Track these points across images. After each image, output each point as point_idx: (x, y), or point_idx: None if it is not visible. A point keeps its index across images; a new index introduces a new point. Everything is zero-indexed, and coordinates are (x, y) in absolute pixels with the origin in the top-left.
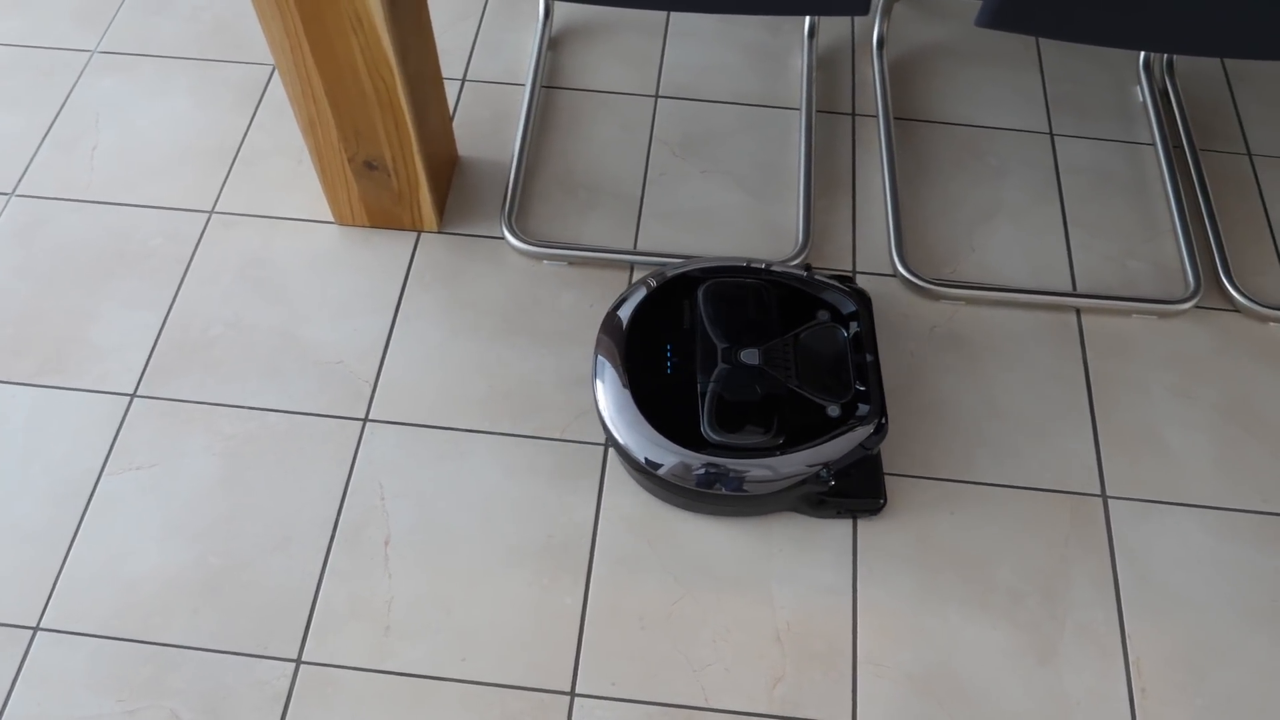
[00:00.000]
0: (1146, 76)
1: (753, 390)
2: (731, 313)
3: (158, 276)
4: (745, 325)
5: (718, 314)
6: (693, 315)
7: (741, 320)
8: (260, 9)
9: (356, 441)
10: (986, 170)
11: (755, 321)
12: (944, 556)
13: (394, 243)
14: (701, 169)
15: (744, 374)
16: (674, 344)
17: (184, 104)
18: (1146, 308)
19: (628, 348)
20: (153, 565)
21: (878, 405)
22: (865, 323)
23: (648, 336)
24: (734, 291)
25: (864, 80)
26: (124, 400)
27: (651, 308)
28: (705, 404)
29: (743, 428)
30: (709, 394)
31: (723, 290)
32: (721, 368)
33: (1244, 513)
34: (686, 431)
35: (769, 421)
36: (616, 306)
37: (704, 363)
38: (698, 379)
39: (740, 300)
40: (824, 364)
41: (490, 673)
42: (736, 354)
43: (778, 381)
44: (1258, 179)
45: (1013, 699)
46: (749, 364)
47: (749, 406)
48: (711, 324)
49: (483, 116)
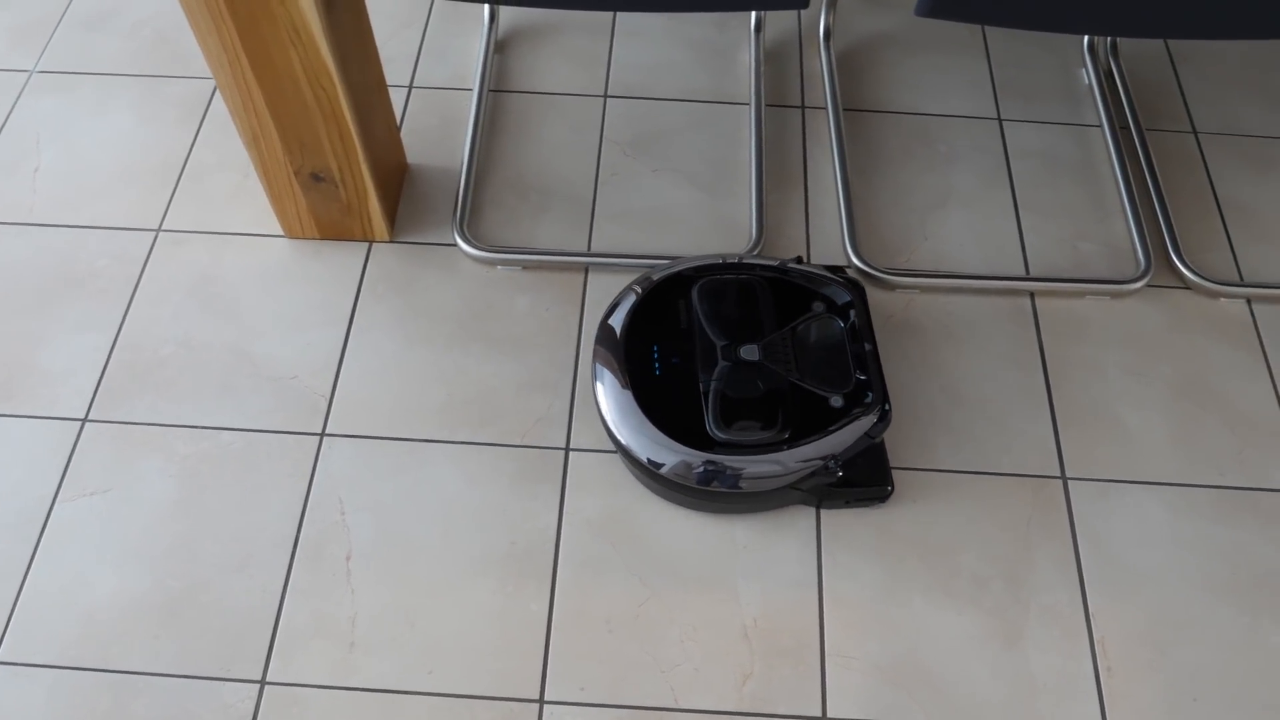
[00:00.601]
0: (1091, 59)
1: (755, 386)
2: (727, 310)
3: (106, 298)
4: (742, 322)
5: (714, 312)
6: (689, 316)
7: (737, 317)
8: (195, 23)
9: (314, 456)
10: (936, 158)
11: (751, 317)
12: (907, 545)
13: (345, 254)
14: (653, 167)
15: (745, 370)
16: (672, 345)
17: (127, 121)
18: (1099, 289)
19: (626, 353)
20: (110, 592)
21: (880, 393)
22: (861, 312)
23: (644, 341)
24: (728, 288)
25: (812, 73)
26: (75, 425)
27: (644, 312)
28: (709, 403)
29: (748, 424)
30: (711, 392)
31: (717, 288)
32: (722, 365)
33: (1201, 488)
34: (691, 431)
35: (774, 416)
36: (608, 315)
37: (704, 361)
38: (699, 378)
39: (735, 297)
40: (823, 356)
41: (458, 684)
42: (736, 351)
43: (779, 376)
44: (1204, 157)
45: (980, 684)
46: (749, 360)
47: (753, 402)
48: (708, 322)
49: (431, 123)
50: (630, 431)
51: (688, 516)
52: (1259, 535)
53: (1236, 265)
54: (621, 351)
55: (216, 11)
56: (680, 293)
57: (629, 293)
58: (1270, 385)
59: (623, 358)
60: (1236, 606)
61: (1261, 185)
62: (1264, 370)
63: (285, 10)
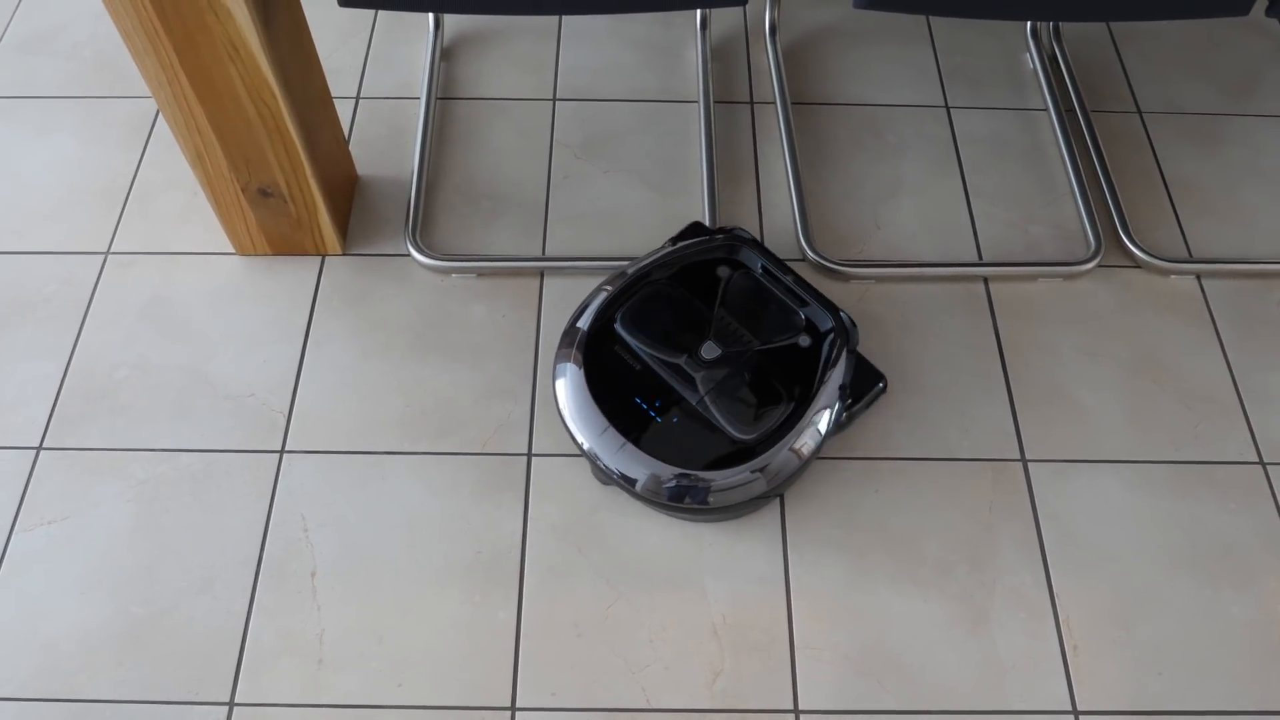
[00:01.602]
0: (1035, 44)
1: (738, 377)
2: (658, 327)
3: (55, 324)
4: (679, 328)
5: (650, 337)
6: (632, 355)
7: (672, 326)
8: (132, 44)
9: (274, 474)
10: (886, 148)
11: (682, 319)
12: (871, 535)
13: (298, 269)
14: (604, 169)
15: (720, 369)
16: (640, 388)
17: (70, 144)
18: (1051, 271)
19: (610, 416)
20: (72, 621)
21: (831, 309)
22: (761, 252)
23: (614, 403)
24: (647, 307)
25: (759, 68)
26: (30, 454)
27: (595, 374)
28: (717, 416)
29: (761, 410)
30: (711, 406)
31: (637, 314)
32: (700, 377)
33: (1158, 464)
34: (727, 452)
35: (773, 390)
36: (555, 378)
37: (681, 383)
38: (684, 402)
39: (656, 311)
40: (763, 311)
41: (428, 696)
42: (699, 357)
43: (747, 353)
44: (1149, 136)
45: (949, 669)
46: (714, 358)
47: (750, 390)
48: (654, 349)
49: (380, 134)
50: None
51: (652, 518)
52: (1216, 508)
53: (1185, 242)
54: (599, 417)
55: (152, 31)
56: (607, 341)
57: (566, 362)
58: (1222, 360)
59: (614, 419)
60: (1197, 579)
61: (1206, 162)
62: (1216, 345)
63: (222, 27)
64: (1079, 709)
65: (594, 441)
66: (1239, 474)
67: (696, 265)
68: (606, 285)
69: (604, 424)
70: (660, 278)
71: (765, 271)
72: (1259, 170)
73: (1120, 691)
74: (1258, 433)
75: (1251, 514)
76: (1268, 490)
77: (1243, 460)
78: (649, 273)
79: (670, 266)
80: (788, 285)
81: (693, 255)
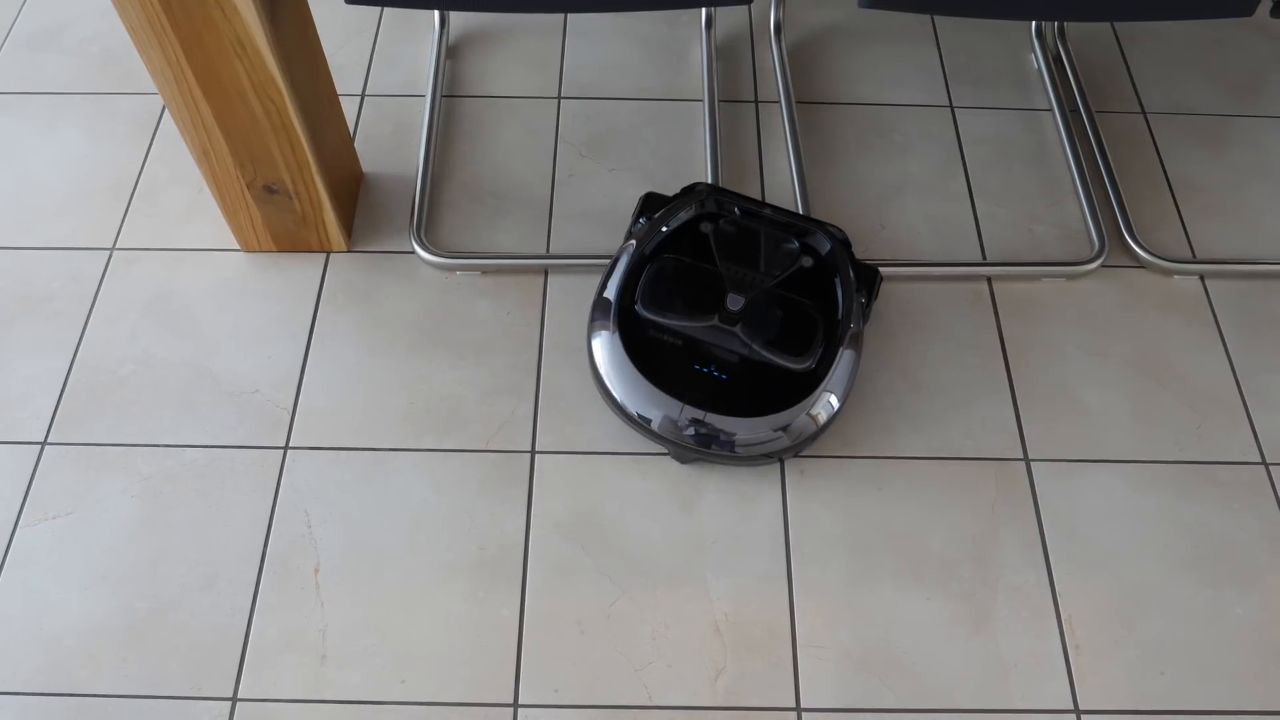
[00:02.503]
0: (1040, 44)
1: (773, 314)
2: (679, 300)
3: (61, 319)
4: (698, 293)
5: (677, 311)
6: (671, 334)
7: (690, 295)
8: (138, 39)
9: (279, 470)
10: (890, 147)
11: (696, 283)
12: (875, 533)
13: (303, 266)
14: (609, 167)
15: (751, 315)
16: (691, 357)
17: (77, 140)
18: (1055, 271)
19: (682, 396)
20: (76, 616)
21: (817, 226)
22: (730, 196)
23: (676, 382)
24: (659, 286)
25: (764, 67)
26: (35, 449)
27: (644, 363)
28: (772, 357)
29: (808, 336)
30: (763, 351)
31: (653, 295)
32: (738, 329)
33: (1161, 463)
34: (798, 384)
35: (805, 315)
36: (608, 383)
37: (726, 340)
38: (737, 355)
39: (668, 286)
40: (759, 250)
41: (431, 692)
42: (727, 312)
43: (770, 293)
44: (1153, 137)
45: (952, 667)
46: (739, 308)
47: (789, 324)
48: (686, 320)
49: (385, 131)
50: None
51: (656, 514)
52: (1219, 508)
53: (1189, 242)
54: (678, 395)
55: (159, 27)
56: (640, 329)
57: (615, 362)
58: (1226, 359)
59: (686, 397)
60: (1199, 579)
61: (1210, 162)
62: (1219, 345)
63: (229, 23)
64: (1081, 708)
65: (686, 417)
66: (1242, 474)
67: (681, 230)
68: (606, 291)
69: (678, 405)
70: (654, 252)
71: (743, 213)
72: (1263, 171)
73: (1122, 691)
74: (1261, 433)
75: (1254, 514)
76: (1270, 490)
77: (1246, 460)
78: (643, 253)
79: (657, 238)
80: (769, 218)
81: (673, 220)
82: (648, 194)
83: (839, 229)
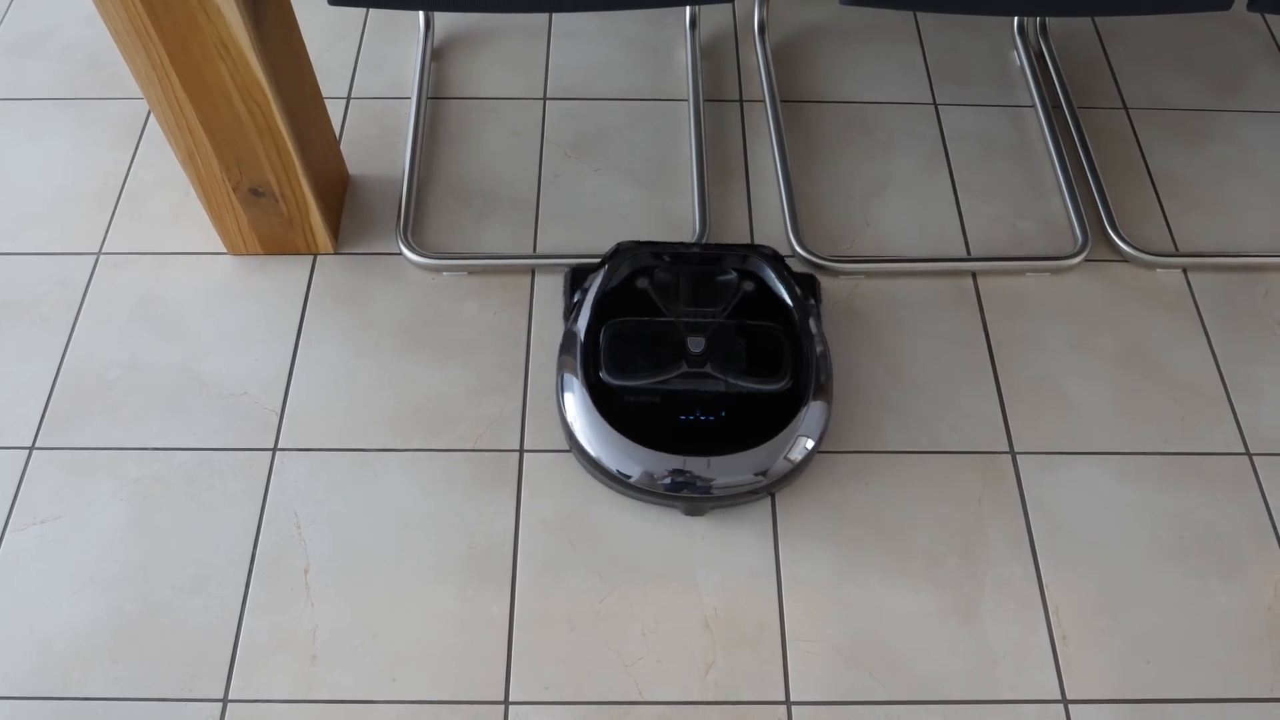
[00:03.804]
0: (1022, 41)
1: (736, 345)
2: (644, 359)
3: (48, 324)
4: (660, 347)
5: (648, 371)
6: (647, 394)
7: (653, 351)
8: (122, 43)
9: (267, 472)
10: (875, 145)
11: (655, 338)
12: (863, 527)
13: (290, 268)
14: (595, 167)
15: (716, 350)
16: (674, 408)
17: (62, 146)
18: (1038, 265)
19: (678, 450)
20: (66, 620)
21: (747, 250)
22: (646, 247)
23: (667, 437)
24: (619, 350)
25: (749, 67)
26: (23, 454)
27: (627, 428)
28: (749, 386)
29: (781, 357)
30: (739, 382)
31: (618, 363)
32: (709, 368)
33: (1145, 455)
34: (780, 405)
35: (766, 334)
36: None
37: (701, 384)
38: (717, 394)
39: (629, 349)
40: (701, 287)
41: (422, 691)
42: (692, 356)
43: (725, 326)
44: (1135, 132)
45: (940, 660)
46: (700, 350)
47: (753, 349)
48: (659, 376)
49: (371, 133)
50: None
51: (644, 512)
52: (1203, 498)
53: (1171, 236)
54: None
55: (142, 30)
56: (613, 399)
57: (567, 382)
58: (1209, 352)
59: (682, 450)
60: (1184, 569)
61: (1192, 157)
62: (1202, 338)
63: (212, 26)
64: (1068, 698)
65: (683, 470)
66: (1225, 465)
67: (618, 290)
68: (568, 358)
69: (679, 460)
70: (596, 322)
71: (673, 258)
72: (1244, 165)
73: (1109, 680)
74: (1244, 424)
75: (1238, 504)
76: (1254, 480)
77: (1229, 451)
78: (588, 326)
79: (603, 305)
80: (698, 255)
81: (607, 284)
82: (572, 269)
83: (768, 247)
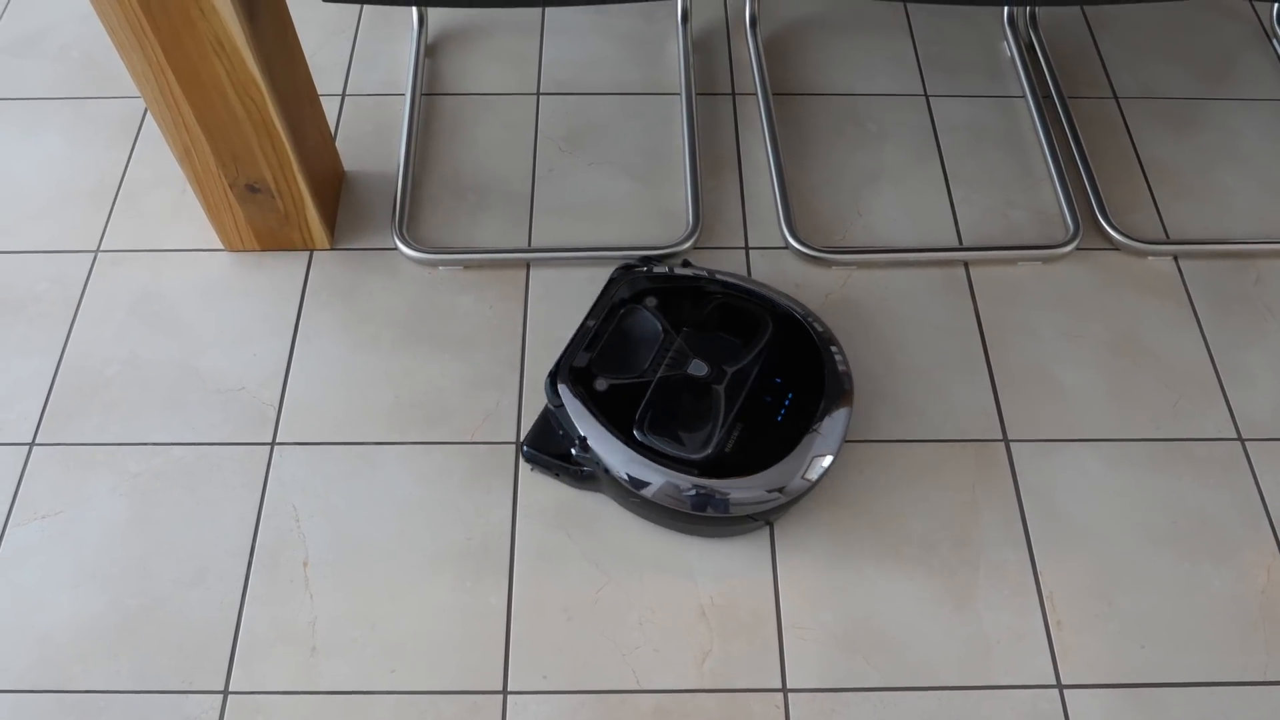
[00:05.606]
0: (1012, 31)
1: (721, 367)
2: (677, 413)
3: (46, 321)
4: (699, 415)
5: (676, 419)
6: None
7: (687, 413)
8: (118, 40)
9: (266, 466)
10: (866, 136)
11: (696, 399)
12: (857, 516)
13: (286, 264)
14: (589, 161)
15: (712, 371)
16: (678, 416)
17: (59, 144)
18: (1030, 254)
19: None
20: (67, 614)
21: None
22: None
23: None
24: (660, 406)
25: (741, 60)
26: (23, 450)
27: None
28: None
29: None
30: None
31: (656, 419)
32: (715, 389)
33: (1138, 441)
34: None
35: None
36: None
37: (717, 406)
38: (724, 408)
39: (667, 408)
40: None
41: (421, 681)
42: (693, 372)
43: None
44: (1125, 121)
45: (934, 645)
46: (700, 375)
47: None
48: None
49: (366, 129)
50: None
51: None
52: (1195, 484)
53: (1162, 224)
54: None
55: (138, 28)
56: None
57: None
58: (1200, 339)
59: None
60: (1177, 554)
61: (1181, 145)
62: (1193, 324)
63: (207, 22)
64: (1063, 683)
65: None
66: (1218, 450)
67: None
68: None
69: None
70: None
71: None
72: (1234, 152)
73: (1103, 665)
74: (1235, 409)
75: (1230, 489)
76: (1246, 466)
77: (1221, 437)
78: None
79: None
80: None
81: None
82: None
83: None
